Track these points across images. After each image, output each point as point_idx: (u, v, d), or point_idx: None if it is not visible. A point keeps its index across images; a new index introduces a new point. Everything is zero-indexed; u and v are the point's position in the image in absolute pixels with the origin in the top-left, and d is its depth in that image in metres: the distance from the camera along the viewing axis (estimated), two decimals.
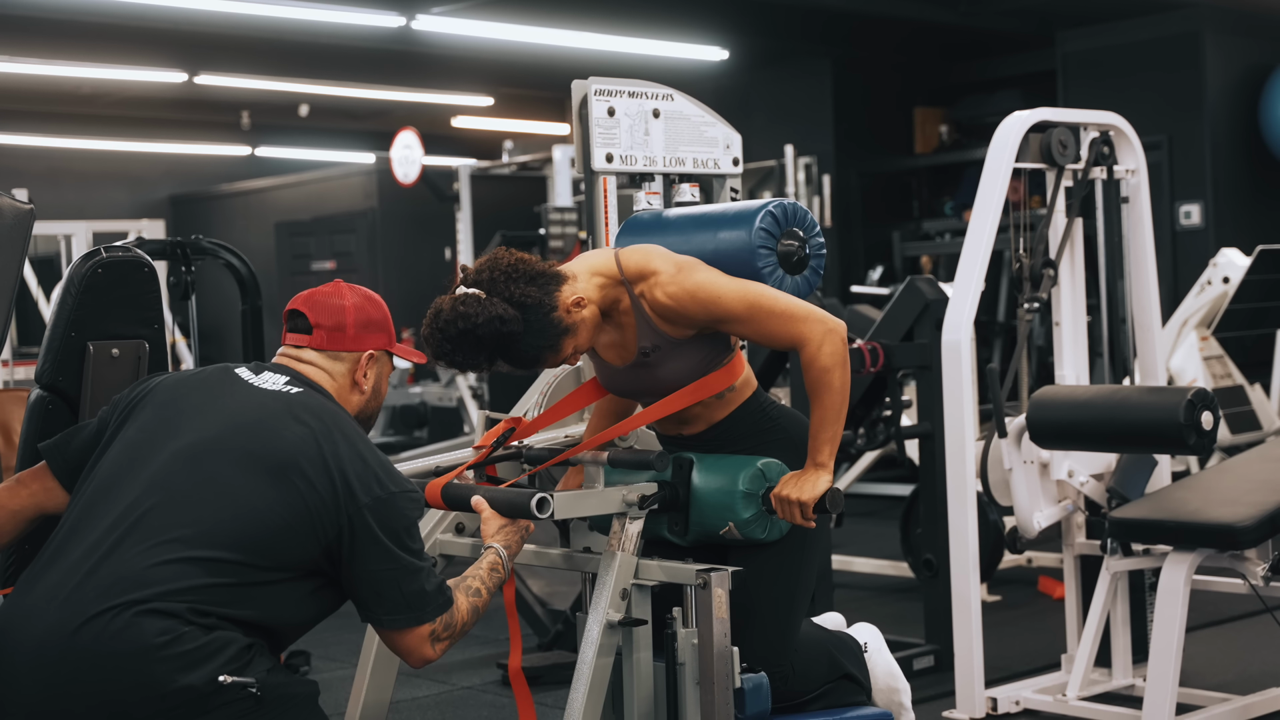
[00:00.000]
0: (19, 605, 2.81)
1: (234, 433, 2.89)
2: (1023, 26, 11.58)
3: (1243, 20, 10.99)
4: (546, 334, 3.25)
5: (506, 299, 3.21)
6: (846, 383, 3.33)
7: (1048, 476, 4.73)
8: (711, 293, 3.30)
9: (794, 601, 3.47)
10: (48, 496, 3.10)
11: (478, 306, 3.19)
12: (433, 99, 14.18)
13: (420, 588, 2.92)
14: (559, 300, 3.27)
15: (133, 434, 2.95)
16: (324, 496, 2.84)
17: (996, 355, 9.77)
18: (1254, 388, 8.36)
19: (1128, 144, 5.00)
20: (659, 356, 3.38)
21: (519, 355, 3.26)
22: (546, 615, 5.80)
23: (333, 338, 3.09)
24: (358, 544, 2.86)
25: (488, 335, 3.19)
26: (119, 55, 11.72)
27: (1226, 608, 5.85)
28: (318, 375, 3.08)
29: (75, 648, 2.70)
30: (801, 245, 3.49)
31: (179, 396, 2.99)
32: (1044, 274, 4.87)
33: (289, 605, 2.88)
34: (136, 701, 2.68)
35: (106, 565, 2.76)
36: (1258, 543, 4.18)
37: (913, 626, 5.74)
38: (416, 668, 3.08)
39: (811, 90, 12.43)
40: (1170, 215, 10.86)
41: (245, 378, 3.02)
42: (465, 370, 3.34)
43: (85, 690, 2.69)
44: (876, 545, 7.74)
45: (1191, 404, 4.25)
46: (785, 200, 3.51)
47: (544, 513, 3.17)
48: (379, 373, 3.17)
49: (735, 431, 3.49)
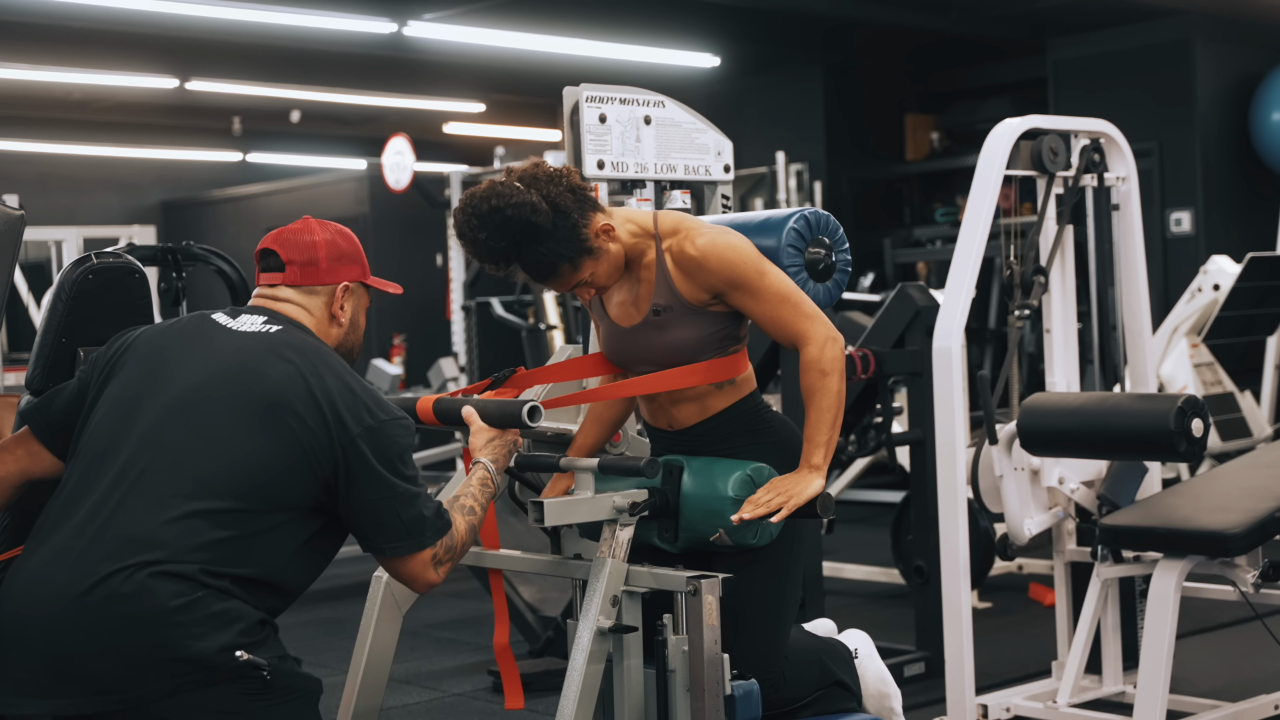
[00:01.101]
0: (27, 569, 2.82)
1: (220, 379, 2.91)
2: (1014, 33, 11.60)
3: (1233, 28, 11.02)
4: (570, 245, 3.28)
5: (543, 195, 3.25)
6: (843, 391, 3.36)
7: (1038, 483, 4.74)
8: (738, 255, 3.33)
9: (783, 607, 3.47)
10: (33, 461, 3.10)
11: (513, 191, 3.24)
12: (424, 105, 14.18)
13: (419, 513, 2.94)
14: (591, 220, 3.31)
15: (119, 391, 2.96)
16: (316, 432, 2.86)
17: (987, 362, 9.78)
18: (1244, 395, 8.38)
19: (1118, 151, 5.01)
20: (669, 318, 3.39)
21: (537, 256, 3.27)
22: (537, 622, 5.80)
23: (305, 273, 3.10)
24: (353, 475, 2.89)
25: (515, 220, 3.21)
26: (110, 61, 11.71)
27: (1217, 614, 5.85)
28: (295, 312, 3.09)
29: (88, 609, 2.71)
30: (829, 253, 3.56)
31: (160, 348, 3.00)
32: (1035, 281, 4.87)
33: (293, 553, 2.90)
34: (151, 664, 2.70)
35: (112, 526, 2.77)
36: (1248, 550, 4.18)
37: (904, 633, 5.74)
38: (421, 592, 3.12)
39: (803, 97, 12.44)
40: (1161, 222, 10.88)
41: (223, 323, 3.03)
42: (484, 260, 3.32)
43: (99, 652, 2.70)
44: (867, 552, 7.74)
45: (1182, 411, 4.26)
46: (815, 209, 3.56)
47: (535, 421, 3.19)
48: (355, 305, 3.18)
49: (727, 428, 3.48)
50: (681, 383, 3.42)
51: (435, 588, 3.06)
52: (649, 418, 3.59)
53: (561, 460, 3.46)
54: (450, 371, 9.10)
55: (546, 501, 3.22)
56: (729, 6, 10.26)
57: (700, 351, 3.42)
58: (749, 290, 3.35)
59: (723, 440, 3.48)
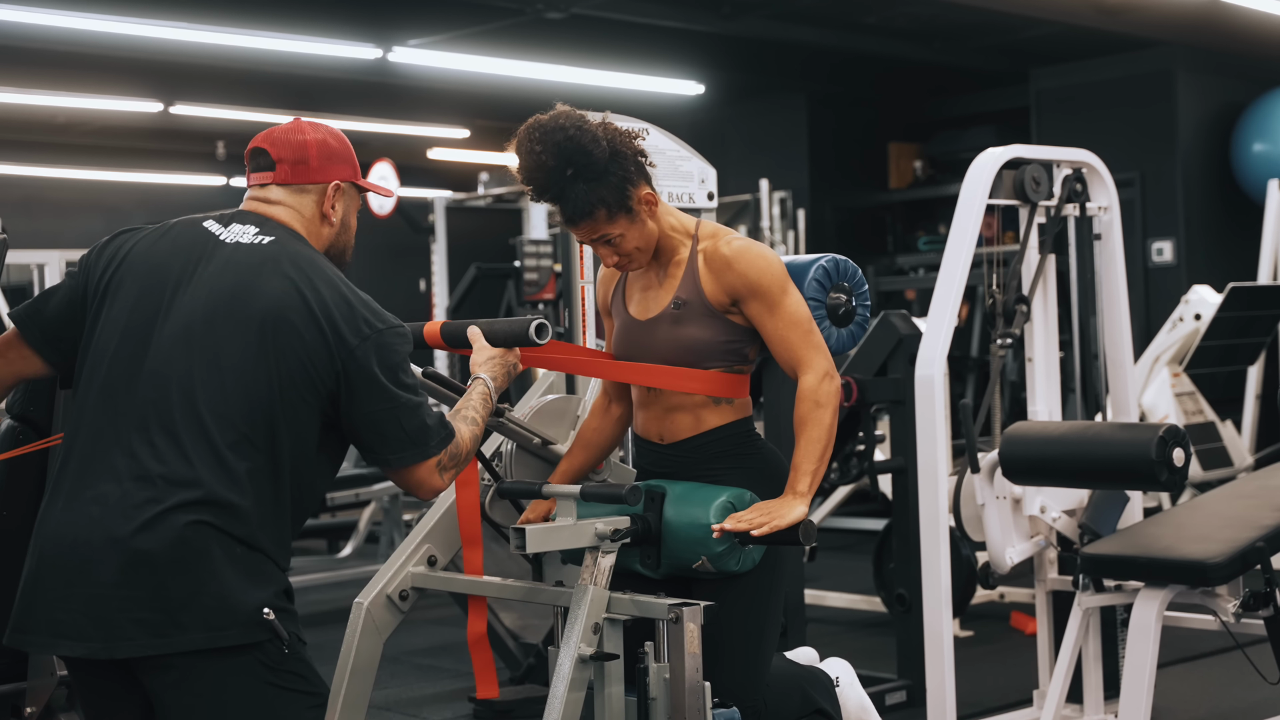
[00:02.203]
0: (63, 511, 2.82)
1: (220, 301, 2.88)
2: (997, 64, 11.65)
3: (1214, 59, 11.08)
4: (615, 194, 3.34)
5: (608, 140, 3.34)
6: (835, 427, 3.40)
7: (1020, 512, 4.74)
8: (766, 265, 3.40)
9: (764, 634, 3.46)
10: (26, 364, 3.10)
11: (583, 121, 3.34)
12: (409, 131, 14.18)
13: (422, 422, 2.96)
14: (640, 184, 3.39)
15: (122, 318, 2.92)
16: (315, 346, 2.87)
17: (970, 390, 9.80)
18: (1225, 424, 8.39)
19: (1100, 181, 5.03)
20: (687, 313, 3.43)
21: (580, 192, 3.33)
22: (518, 649, 5.78)
23: (296, 171, 3.07)
24: (355, 386, 2.90)
25: (574, 145, 3.29)
26: (95, 84, 11.70)
27: (1198, 644, 5.86)
28: (285, 215, 3.06)
29: (131, 555, 2.72)
30: (849, 299, 3.64)
31: (158, 267, 2.96)
32: (1017, 310, 4.89)
33: (308, 469, 2.93)
34: (190, 613, 2.73)
35: (144, 467, 2.78)
36: (1229, 579, 4.19)
37: (885, 661, 5.74)
38: (427, 499, 3.16)
39: (787, 125, 12.48)
40: (1142, 252, 10.91)
41: (215, 232, 2.99)
42: (531, 179, 3.37)
43: (140, 599, 2.73)
44: (849, 580, 7.74)
45: (1163, 440, 4.27)
46: (837, 257, 3.64)
47: (542, 338, 3.21)
48: (347, 206, 3.15)
49: (716, 448, 3.48)
50: (683, 383, 3.44)
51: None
52: (640, 428, 3.59)
53: (543, 487, 3.45)
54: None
55: (528, 528, 3.22)
56: (713, 35, 10.30)
57: (708, 357, 3.44)
58: (767, 303, 3.39)
59: (710, 460, 3.48)
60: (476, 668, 3.58)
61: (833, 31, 10.63)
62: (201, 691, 2.77)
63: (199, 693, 2.77)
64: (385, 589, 3.64)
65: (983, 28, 10.70)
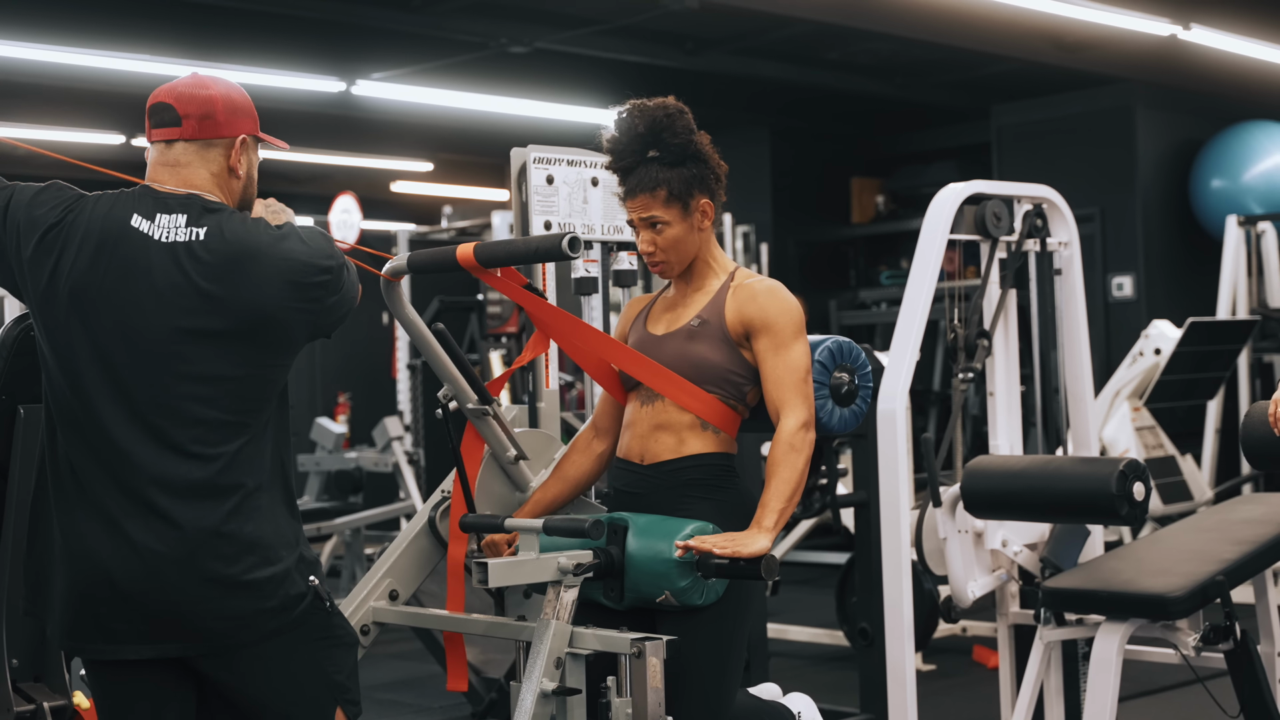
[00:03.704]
0: (97, 530, 2.94)
1: (176, 316, 2.94)
2: (958, 100, 11.73)
3: (1173, 96, 11.18)
4: (682, 184, 3.50)
5: (699, 143, 3.54)
6: (806, 474, 3.44)
7: (982, 546, 4.75)
8: (788, 307, 3.50)
9: (727, 668, 3.46)
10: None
11: (684, 114, 3.55)
12: (372, 164, 14.18)
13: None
14: (704, 196, 3.53)
15: (86, 350, 2.97)
16: (295, 331, 3.04)
17: (932, 424, 9.82)
18: (1185, 458, 8.44)
19: (1060, 217, 5.06)
20: (703, 332, 3.52)
21: (657, 166, 3.50)
22: (480, 684, 5.75)
23: (204, 126, 3.08)
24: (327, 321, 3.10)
25: (668, 125, 3.50)
26: (55, 116, 11.66)
27: (1159, 678, 5.88)
28: (199, 179, 3.08)
29: (184, 573, 2.92)
30: (852, 378, 3.67)
31: (96, 282, 2.97)
32: (978, 344, 4.91)
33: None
34: (246, 617, 2.97)
35: (169, 483, 2.92)
36: (1189, 613, 4.20)
37: (848, 695, 5.73)
38: None
39: (750, 159, 12.52)
40: (1103, 287, 10.98)
41: (146, 232, 3.00)
42: (615, 147, 3.58)
43: (200, 611, 2.93)
44: (812, 613, 7.74)
45: (1124, 474, 4.29)
46: (840, 339, 3.70)
47: (576, 251, 3.23)
48: (250, 158, 3.18)
49: (692, 475, 3.49)
50: (679, 394, 3.48)
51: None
52: (623, 449, 3.61)
53: (506, 521, 3.45)
54: (395, 430, 9.06)
55: (491, 562, 3.21)
56: (677, 69, 10.33)
57: (710, 380, 3.49)
58: (775, 341, 3.47)
59: (684, 487, 3.49)
60: (450, 660, 3.67)
61: (795, 67, 10.69)
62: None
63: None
64: None
65: (944, 64, 10.77)
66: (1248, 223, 9.12)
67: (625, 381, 3.62)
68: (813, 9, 8.97)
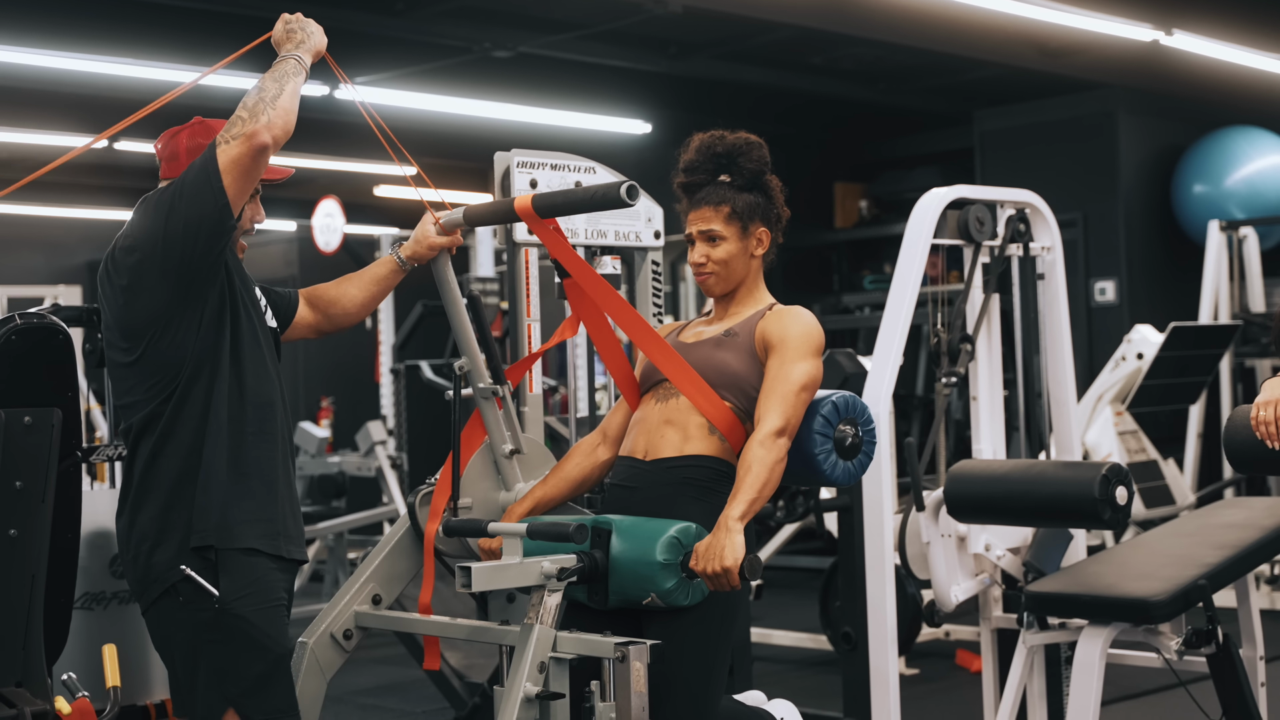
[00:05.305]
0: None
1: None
2: (941, 105, 11.75)
3: (1155, 102, 11.21)
4: (746, 208, 3.65)
5: (770, 178, 3.70)
6: (777, 479, 3.46)
7: (965, 550, 4.76)
8: (808, 329, 3.59)
9: (712, 672, 3.46)
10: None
11: (764, 150, 3.71)
12: (355, 168, 14.15)
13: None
14: (764, 228, 3.68)
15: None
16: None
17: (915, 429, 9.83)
18: (1168, 462, 8.46)
19: (1043, 221, 5.07)
20: (730, 342, 3.62)
21: (726, 186, 3.65)
22: (464, 688, 5.74)
23: (170, 166, 3.77)
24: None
25: (746, 153, 3.66)
26: (36, 119, 11.61)
27: (1141, 681, 5.88)
28: None
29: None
30: (856, 431, 3.68)
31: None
32: (961, 349, 4.92)
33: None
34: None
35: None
36: (1171, 617, 4.21)
37: (831, 700, 5.73)
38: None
39: None
40: (1085, 292, 11.00)
41: None
42: (692, 163, 3.72)
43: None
44: (795, 618, 7.74)
45: (1106, 479, 4.29)
46: (846, 393, 3.72)
47: (634, 199, 3.30)
48: None
49: (689, 474, 3.52)
50: (695, 394, 3.53)
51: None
52: (627, 446, 3.64)
53: (490, 525, 3.44)
54: (378, 434, 9.05)
55: (474, 567, 3.21)
56: (660, 75, 10.34)
57: (729, 387, 3.55)
58: (785, 355, 3.53)
59: (679, 484, 3.51)
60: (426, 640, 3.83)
61: (778, 72, 10.69)
62: None
63: None
64: (330, 628, 3.62)
65: (927, 69, 10.79)
66: (1229, 228, 9.15)
67: (642, 383, 3.67)
68: (796, 14, 8.97)
